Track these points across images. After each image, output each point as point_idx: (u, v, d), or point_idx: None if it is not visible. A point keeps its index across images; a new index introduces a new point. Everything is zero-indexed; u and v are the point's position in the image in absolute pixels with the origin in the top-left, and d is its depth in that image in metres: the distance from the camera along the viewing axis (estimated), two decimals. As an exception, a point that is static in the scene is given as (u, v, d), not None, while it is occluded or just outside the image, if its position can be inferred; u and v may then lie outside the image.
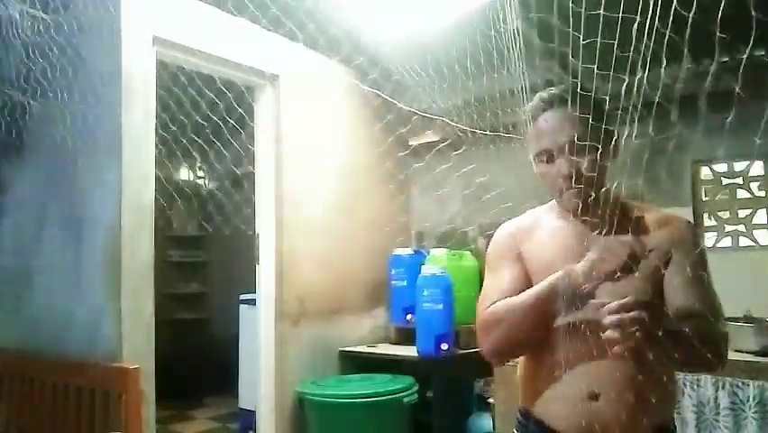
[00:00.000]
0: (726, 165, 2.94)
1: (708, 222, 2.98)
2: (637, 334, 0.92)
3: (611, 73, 1.10)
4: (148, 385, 2.31)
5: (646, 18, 0.98)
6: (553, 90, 1.20)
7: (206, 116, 2.73)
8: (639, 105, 1.05)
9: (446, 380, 3.09)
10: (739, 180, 2.91)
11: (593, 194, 1.12)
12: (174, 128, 2.73)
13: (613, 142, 1.17)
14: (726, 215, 2.95)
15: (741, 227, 2.90)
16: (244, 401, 3.89)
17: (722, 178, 2.96)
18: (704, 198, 2.99)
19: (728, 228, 2.92)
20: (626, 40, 1.04)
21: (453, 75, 1.81)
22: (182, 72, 2.79)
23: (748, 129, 0.96)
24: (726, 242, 2.92)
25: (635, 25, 1.00)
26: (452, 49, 1.69)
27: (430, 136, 3.49)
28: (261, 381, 3.00)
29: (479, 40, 1.63)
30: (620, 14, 1.07)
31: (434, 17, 2.31)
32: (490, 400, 2.91)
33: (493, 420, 2.86)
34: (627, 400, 1.08)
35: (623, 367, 1.09)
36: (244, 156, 3.04)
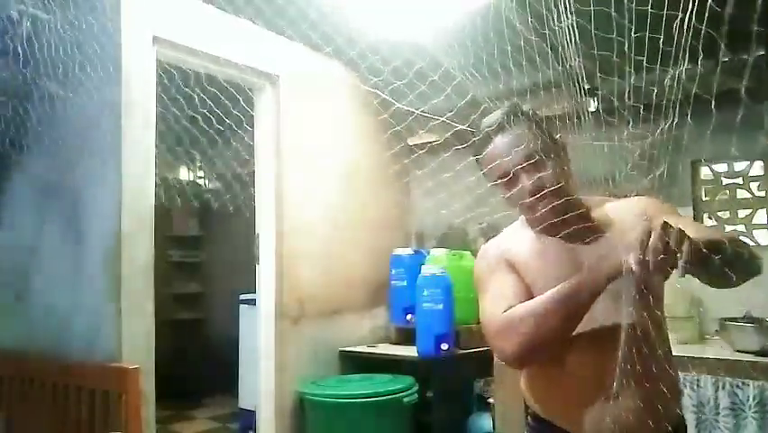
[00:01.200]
0: (726, 165, 2.94)
1: (708, 222, 2.98)
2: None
3: (608, 74, 1.10)
4: (148, 385, 2.30)
5: (646, 20, 0.98)
6: (495, 116, 1.22)
7: (207, 116, 2.73)
8: (641, 106, 1.05)
9: (446, 380, 3.09)
10: (739, 180, 2.91)
11: (563, 204, 1.13)
12: (174, 128, 2.73)
13: (562, 151, 1.19)
14: (726, 215, 2.95)
15: (741, 227, 2.90)
16: (244, 401, 3.89)
17: (722, 178, 2.96)
18: (704, 198, 2.99)
19: (728, 228, 2.92)
20: (628, 41, 1.04)
21: (455, 75, 1.81)
22: (182, 72, 2.79)
23: (748, 129, 0.96)
24: (727, 242, 2.92)
25: (633, 25, 1.00)
26: (454, 49, 1.69)
27: (431, 136, 3.49)
28: (261, 381, 3.00)
29: (479, 40, 1.63)
30: (614, 13, 1.07)
31: (435, 16, 2.31)
32: (490, 400, 2.91)
33: (493, 420, 2.86)
34: (643, 398, 1.08)
35: (636, 364, 1.07)
36: (244, 156, 3.03)
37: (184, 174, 5.49)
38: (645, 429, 1.09)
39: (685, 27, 0.95)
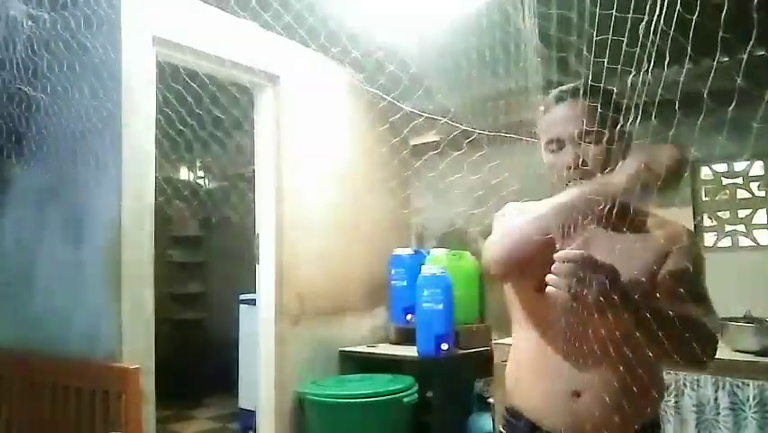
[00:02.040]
0: (726, 165, 2.94)
1: (708, 222, 2.98)
2: (572, 289, 0.96)
3: (618, 68, 1.10)
4: (148, 385, 2.30)
5: (643, 18, 0.98)
6: (568, 84, 1.23)
7: (207, 116, 2.73)
8: (641, 105, 1.05)
9: (446, 380, 3.09)
10: (739, 180, 2.91)
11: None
12: (174, 128, 2.72)
13: (622, 136, 1.17)
14: (726, 215, 2.95)
15: (741, 227, 2.90)
16: (244, 401, 3.89)
17: (722, 178, 2.96)
18: (704, 198, 2.99)
19: (728, 228, 2.92)
20: (627, 39, 1.04)
21: (455, 75, 1.81)
22: (182, 72, 2.79)
23: (748, 129, 0.96)
24: (726, 242, 2.93)
25: (629, 25, 1.00)
26: (454, 49, 1.69)
27: (431, 136, 3.49)
28: (261, 381, 3.00)
29: (477, 40, 1.64)
30: (614, 13, 1.07)
31: (436, 17, 2.31)
32: (490, 400, 2.91)
33: (493, 420, 2.86)
34: (610, 398, 1.10)
35: (606, 365, 1.10)
36: (244, 156, 3.04)
37: (184, 174, 5.49)
38: (612, 427, 1.09)
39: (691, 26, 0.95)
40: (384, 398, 2.82)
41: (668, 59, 0.98)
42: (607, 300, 0.96)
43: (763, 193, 2.85)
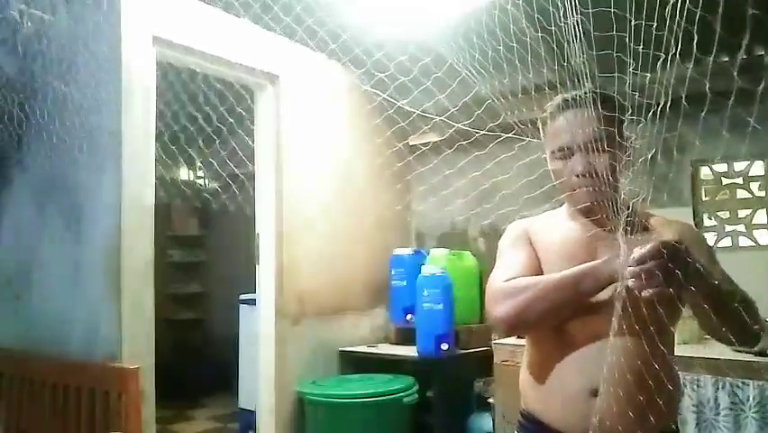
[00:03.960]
0: (726, 165, 2.94)
1: (708, 222, 2.98)
2: (660, 286, 0.91)
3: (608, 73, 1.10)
4: (148, 385, 2.30)
5: (642, 19, 0.98)
6: (577, 91, 1.22)
7: (207, 116, 2.73)
8: (644, 106, 1.05)
9: (446, 380, 3.09)
10: (739, 180, 2.91)
11: (603, 193, 1.13)
12: (174, 128, 2.73)
13: (627, 146, 1.19)
14: (726, 215, 2.95)
15: (741, 227, 2.90)
16: (244, 401, 3.88)
17: (722, 178, 2.96)
18: (704, 198, 2.99)
19: (728, 228, 2.92)
20: (628, 40, 1.04)
21: (455, 75, 1.81)
22: (182, 72, 2.79)
23: (748, 129, 0.96)
24: (726, 242, 2.93)
25: (629, 25, 1.00)
26: (455, 48, 1.69)
27: (431, 136, 3.49)
28: (261, 381, 3.00)
29: (477, 40, 1.64)
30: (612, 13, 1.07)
31: (436, 16, 2.31)
32: (490, 400, 2.91)
33: (493, 420, 2.86)
34: (627, 399, 1.08)
35: (624, 365, 1.09)
36: (244, 156, 3.04)
37: (184, 174, 5.49)
38: (631, 425, 1.08)
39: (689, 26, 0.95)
40: (384, 398, 2.81)
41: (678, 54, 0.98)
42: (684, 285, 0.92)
43: (763, 193, 2.85)
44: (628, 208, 1.14)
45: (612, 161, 1.15)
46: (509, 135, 1.64)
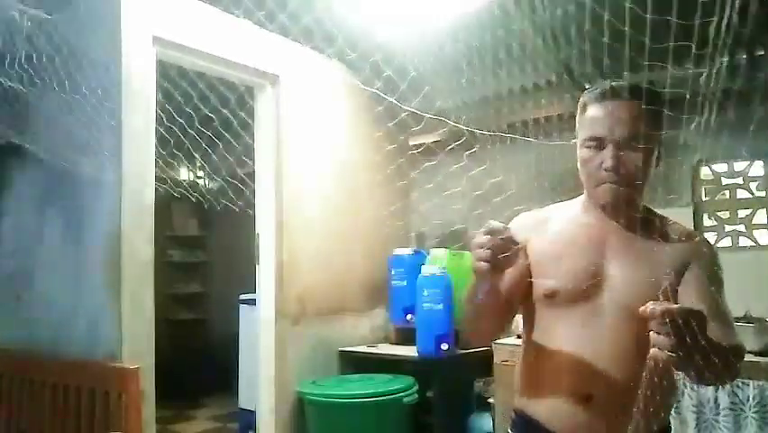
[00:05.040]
0: (726, 165, 2.94)
1: (708, 222, 2.98)
2: (678, 351, 0.85)
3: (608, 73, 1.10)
4: (148, 385, 2.30)
5: (645, 20, 0.98)
6: (622, 82, 1.17)
7: (207, 116, 2.72)
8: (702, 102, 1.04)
9: (446, 380, 3.09)
10: (739, 180, 2.91)
11: (628, 193, 1.12)
12: (174, 128, 2.72)
13: (658, 149, 1.15)
14: (726, 215, 2.95)
15: (741, 227, 2.90)
16: (244, 401, 3.88)
17: (722, 178, 2.96)
18: (704, 198, 2.99)
19: (728, 228, 2.92)
20: (629, 41, 1.04)
21: (456, 75, 1.81)
22: (182, 72, 2.78)
23: (748, 129, 0.96)
24: (726, 242, 2.93)
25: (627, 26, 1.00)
26: (455, 49, 1.69)
27: (431, 136, 3.49)
28: (261, 381, 3.00)
29: (477, 40, 1.64)
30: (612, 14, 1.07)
31: (436, 16, 2.31)
32: (490, 400, 2.91)
33: (493, 420, 2.86)
34: (620, 404, 1.07)
35: (617, 369, 1.10)
36: (244, 156, 3.04)
37: (184, 174, 5.49)
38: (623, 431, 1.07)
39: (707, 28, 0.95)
40: (384, 398, 2.81)
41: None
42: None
43: (763, 193, 2.85)
44: (649, 211, 1.13)
45: (644, 160, 1.11)
46: (510, 135, 1.64)
